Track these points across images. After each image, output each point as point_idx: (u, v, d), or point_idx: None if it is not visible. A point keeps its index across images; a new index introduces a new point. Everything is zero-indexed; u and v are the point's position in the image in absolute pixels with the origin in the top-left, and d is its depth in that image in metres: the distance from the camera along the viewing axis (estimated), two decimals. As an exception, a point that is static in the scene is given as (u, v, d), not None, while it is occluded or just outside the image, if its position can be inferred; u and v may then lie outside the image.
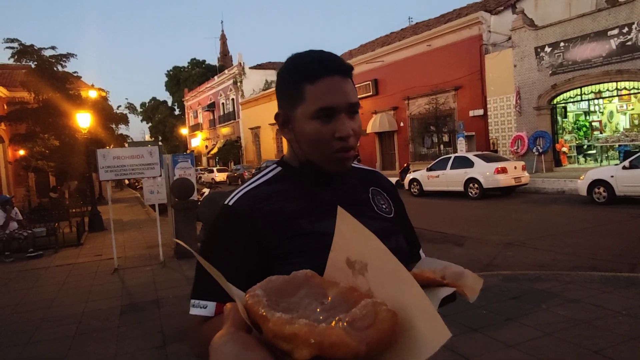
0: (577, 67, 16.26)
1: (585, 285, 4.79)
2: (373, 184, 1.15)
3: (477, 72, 19.87)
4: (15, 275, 7.71)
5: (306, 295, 0.38)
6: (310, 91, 0.94)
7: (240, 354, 0.34)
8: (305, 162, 1.01)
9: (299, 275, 0.41)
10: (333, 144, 0.95)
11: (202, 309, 0.90)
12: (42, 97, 16.53)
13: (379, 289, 0.38)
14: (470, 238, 8.09)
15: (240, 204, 0.97)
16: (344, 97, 0.94)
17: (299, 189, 1.01)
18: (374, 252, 0.39)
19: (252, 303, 0.35)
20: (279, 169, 1.06)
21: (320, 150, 0.96)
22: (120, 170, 7.50)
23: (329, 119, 0.94)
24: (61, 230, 10.62)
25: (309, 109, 0.94)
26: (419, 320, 0.35)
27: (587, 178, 11.04)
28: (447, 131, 21.67)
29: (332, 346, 0.31)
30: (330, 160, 0.97)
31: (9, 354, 4.21)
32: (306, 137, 0.96)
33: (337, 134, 0.94)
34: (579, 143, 18.71)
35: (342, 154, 0.96)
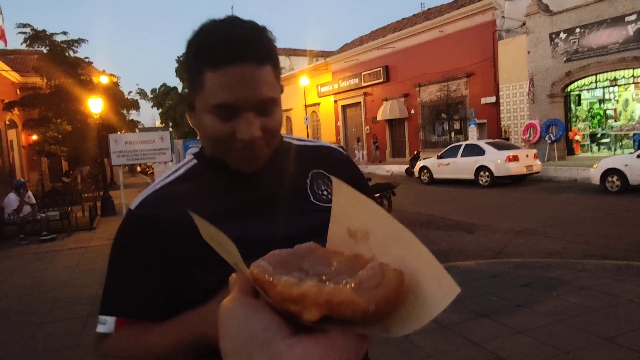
0: (592, 54, 15.95)
1: (597, 274, 4.75)
2: (316, 164, 0.94)
3: (490, 59, 19.58)
4: (30, 258, 7.84)
5: (310, 265, 0.38)
6: (209, 80, 0.76)
7: (248, 317, 0.33)
8: (210, 157, 0.86)
9: (302, 247, 0.40)
10: (234, 143, 0.79)
11: (102, 326, 0.80)
12: (54, 83, 16.66)
13: (383, 253, 0.38)
14: (481, 226, 8.05)
15: (142, 211, 0.84)
16: (252, 93, 0.75)
17: (213, 188, 0.85)
18: (375, 219, 0.39)
19: (257, 272, 0.35)
20: (194, 162, 0.90)
21: (220, 148, 0.81)
22: (132, 155, 7.56)
23: (229, 116, 0.77)
24: (74, 214, 10.76)
25: (207, 102, 0.77)
26: (427, 278, 0.35)
27: (601, 167, 10.90)
28: (459, 118, 21.47)
29: (341, 305, 0.31)
30: (232, 158, 0.82)
31: (25, 333, 4.31)
32: (204, 131, 0.81)
33: (239, 134, 0.77)
34: (592, 131, 18.45)
35: (245, 152, 0.79)
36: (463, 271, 5.13)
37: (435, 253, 0.35)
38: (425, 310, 0.34)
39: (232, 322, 0.34)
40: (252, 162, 0.82)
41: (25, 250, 8.51)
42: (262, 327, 0.33)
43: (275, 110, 0.81)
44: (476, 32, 20.08)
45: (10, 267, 7.18)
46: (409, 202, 11.23)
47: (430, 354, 3.28)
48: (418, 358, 3.26)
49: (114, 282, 0.84)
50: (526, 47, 17.85)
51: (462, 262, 5.61)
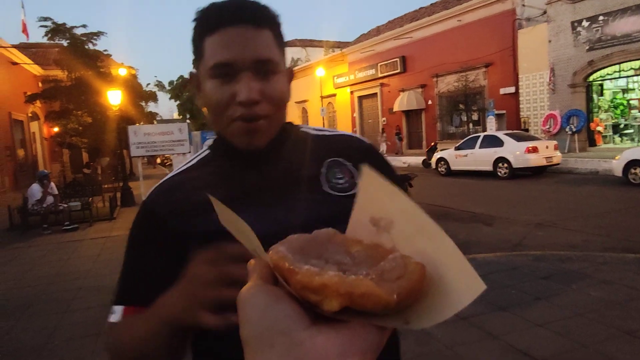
0: (616, 42, 15.54)
1: (618, 267, 4.68)
2: (334, 153, 0.90)
3: (509, 48, 19.23)
4: (53, 247, 8.04)
5: (329, 253, 0.37)
6: (208, 45, 0.78)
7: (269, 305, 0.33)
8: (217, 137, 0.87)
9: (321, 233, 0.40)
10: (233, 110, 0.77)
11: (112, 315, 0.81)
12: (75, 75, 16.91)
13: (405, 244, 0.37)
14: (500, 218, 7.97)
15: (153, 199, 0.85)
16: (247, 51, 0.76)
17: (218, 174, 0.84)
18: (401, 209, 0.38)
19: (277, 259, 0.35)
20: (207, 152, 0.91)
21: (219, 117, 0.80)
22: (150, 146, 7.67)
23: (228, 78, 0.77)
24: (95, 204, 10.97)
25: (207, 66, 0.78)
26: (451, 272, 0.34)
27: (623, 158, 10.66)
28: (477, 109, 21.17)
29: (363, 297, 0.31)
30: (231, 131, 0.80)
31: (50, 321, 4.43)
32: (208, 102, 0.81)
33: (237, 97, 0.76)
34: (615, 122, 18.03)
35: (244, 124, 0.78)
36: (481, 264, 5.10)
37: (453, 245, 0.35)
38: (448, 304, 0.34)
39: (253, 310, 0.34)
40: (253, 135, 0.79)
41: (49, 240, 8.71)
42: (283, 315, 0.33)
43: (277, 78, 0.80)
44: (495, 21, 19.71)
45: (35, 257, 7.37)
46: (426, 194, 11.16)
47: (448, 346, 3.28)
48: (435, 349, 3.26)
49: (126, 272, 0.85)
50: (547, 35, 17.46)
51: (480, 255, 5.57)
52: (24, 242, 8.67)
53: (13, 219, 9.84)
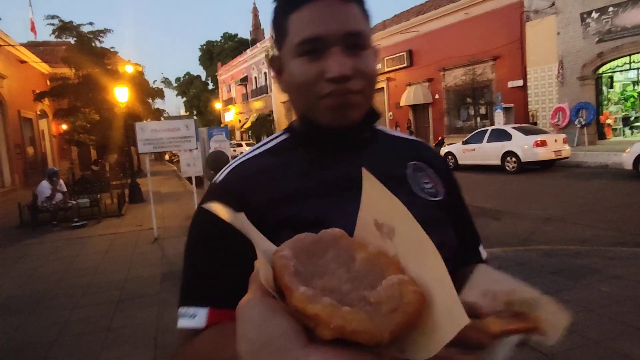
0: (626, 34, 15.32)
1: (629, 262, 4.62)
2: (415, 157, 0.88)
3: (517, 41, 19.04)
4: (63, 244, 8.11)
5: (333, 258, 0.37)
6: (293, 21, 0.74)
7: (267, 318, 0.32)
8: (302, 121, 0.80)
9: (327, 235, 0.39)
10: (322, 87, 0.73)
11: (190, 319, 0.70)
12: (82, 73, 16.99)
13: (405, 256, 0.37)
14: (508, 212, 7.91)
15: (233, 183, 0.77)
16: (336, 24, 0.72)
17: (306, 161, 0.79)
18: (401, 219, 0.38)
19: (280, 266, 0.34)
20: (285, 136, 0.84)
21: (307, 97, 0.75)
22: (157, 142, 7.68)
23: (316, 55, 0.72)
24: (103, 201, 11.04)
25: (292, 43, 0.74)
26: (440, 303, 0.33)
27: (634, 151, 10.53)
28: (484, 103, 21.02)
29: (354, 333, 0.30)
30: (320, 109, 0.75)
31: (60, 317, 4.47)
32: (292, 82, 0.76)
33: (327, 74, 0.71)
34: (625, 114, 17.82)
35: (335, 98, 0.73)
36: (489, 259, 5.06)
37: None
38: (435, 339, 0.33)
39: (250, 325, 0.33)
40: (342, 110, 0.74)
41: (58, 237, 8.79)
42: (280, 332, 0.32)
43: (367, 53, 0.76)
44: (503, 13, 19.53)
45: (44, 253, 7.44)
46: (433, 188, 11.10)
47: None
48: (443, 345, 3.24)
49: (200, 265, 0.75)
50: (555, 28, 17.27)
51: (488, 249, 5.51)
52: (34, 238, 8.75)
53: (23, 216, 9.94)
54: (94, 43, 17.54)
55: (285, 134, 0.85)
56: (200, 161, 9.55)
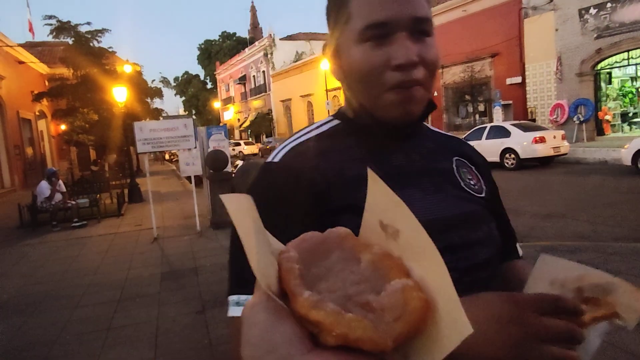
0: (624, 30, 15.33)
1: (629, 257, 4.64)
2: (457, 152, 0.88)
3: (516, 38, 19.04)
4: (63, 244, 8.11)
5: (338, 259, 0.37)
6: (356, 3, 0.70)
7: (272, 325, 0.32)
8: (358, 110, 0.77)
9: (332, 235, 0.39)
10: (387, 77, 0.69)
11: (234, 308, 0.68)
12: (80, 73, 16.98)
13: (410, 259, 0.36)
14: (507, 209, 7.79)
15: (289, 159, 0.74)
16: (404, 8, 0.68)
17: (364, 148, 0.76)
18: (405, 221, 0.37)
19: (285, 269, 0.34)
20: (337, 122, 0.82)
21: (370, 87, 0.71)
22: (156, 142, 7.68)
23: (381, 40, 0.69)
24: (103, 201, 11.05)
25: (355, 28, 0.70)
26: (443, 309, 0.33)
27: (632, 147, 10.55)
28: (483, 100, 21.04)
29: (357, 341, 0.30)
30: (384, 102, 0.72)
31: (60, 316, 4.48)
32: (353, 70, 0.72)
33: (394, 60, 0.68)
34: (624, 110, 17.84)
35: (400, 91, 0.70)
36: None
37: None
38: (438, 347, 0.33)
39: (254, 330, 0.33)
40: (407, 104, 0.71)
41: (58, 237, 8.79)
42: (284, 339, 0.32)
43: (431, 40, 0.73)
44: (501, 10, 19.52)
45: (45, 253, 7.44)
46: (432, 186, 11.12)
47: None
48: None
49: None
50: (554, 24, 17.27)
51: (487, 246, 5.54)
52: (34, 239, 8.75)
53: (23, 217, 9.94)
54: (92, 43, 17.53)
55: (335, 119, 0.82)
56: (199, 160, 9.55)
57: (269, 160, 0.76)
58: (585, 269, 0.59)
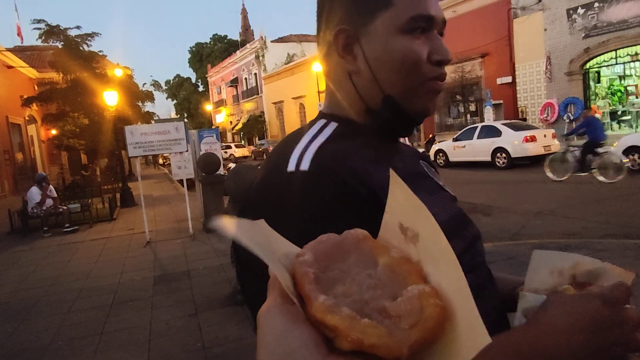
0: (612, 29, 15.50)
1: (618, 253, 4.70)
2: (419, 155, 0.89)
3: (505, 38, 19.19)
4: (54, 249, 8.05)
5: (355, 262, 0.36)
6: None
7: (288, 328, 0.32)
8: (382, 102, 0.72)
9: (350, 237, 0.38)
10: (427, 69, 0.70)
11: None
12: (70, 77, 16.86)
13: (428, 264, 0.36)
14: (498, 208, 7.98)
15: (324, 164, 0.65)
16: (440, 8, 0.71)
17: (372, 150, 0.71)
18: (425, 225, 0.36)
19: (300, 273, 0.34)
20: (335, 125, 0.74)
21: (409, 78, 0.70)
22: (148, 146, 7.65)
23: (420, 34, 0.69)
24: (94, 206, 10.98)
25: (399, 18, 0.68)
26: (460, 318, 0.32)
27: (621, 144, 10.67)
28: (474, 100, 21.17)
29: (373, 347, 0.30)
30: (420, 94, 0.71)
31: (52, 322, 4.45)
32: (390, 60, 0.69)
33: (437, 55, 0.69)
34: (612, 109, 18.01)
35: (437, 84, 0.72)
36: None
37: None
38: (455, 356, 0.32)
39: (270, 334, 0.33)
40: (436, 98, 0.74)
41: (50, 242, 8.73)
42: (300, 343, 0.31)
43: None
44: (490, 11, 19.67)
45: (36, 259, 7.38)
46: (424, 185, 11.16)
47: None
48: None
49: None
50: (542, 24, 17.43)
51: (479, 245, 5.58)
52: (25, 245, 8.68)
53: (14, 223, 9.86)
54: (81, 47, 17.40)
55: (332, 123, 0.74)
56: (191, 164, 9.53)
57: (290, 169, 0.66)
58: (578, 257, 0.64)
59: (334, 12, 0.72)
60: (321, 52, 0.77)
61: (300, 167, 0.65)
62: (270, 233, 0.39)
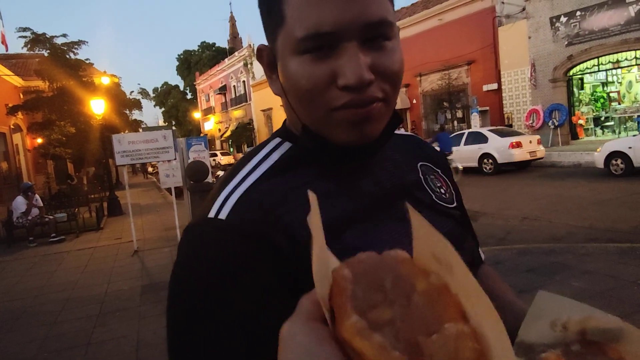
0: (594, 37, 15.83)
1: (600, 257, 4.78)
2: (420, 156, 0.76)
3: (491, 46, 19.48)
4: (40, 260, 7.95)
5: (392, 286, 0.33)
6: (291, 5, 0.54)
7: (313, 347, 0.30)
8: (306, 132, 0.61)
9: (389, 258, 0.35)
10: (334, 96, 0.55)
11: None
12: (57, 85, 16.75)
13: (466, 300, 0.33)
14: (485, 213, 8.07)
15: (239, 215, 0.55)
16: (353, 11, 0.52)
17: (329, 178, 0.62)
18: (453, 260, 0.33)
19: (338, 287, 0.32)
20: (288, 145, 0.65)
21: (314, 107, 0.57)
22: (135, 154, 7.62)
23: (325, 52, 0.54)
24: (81, 215, 10.88)
25: (292, 37, 0.54)
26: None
27: (605, 150, 10.86)
28: (461, 107, 21.42)
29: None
30: (332, 124, 0.57)
31: (38, 333, 4.40)
32: (292, 86, 0.57)
33: (341, 80, 0.54)
34: (596, 115, 18.35)
35: (351, 112, 0.55)
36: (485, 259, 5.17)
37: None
38: None
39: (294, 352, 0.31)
40: (364, 125, 0.57)
41: (35, 252, 8.62)
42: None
43: (392, 44, 0.56)
44: (476, 19, 19.96)
45: (21, 269, 7.29)
46: (413, 192, 11.24)
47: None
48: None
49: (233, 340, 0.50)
50: (527, 32, 17.73)
51: (466, 250, 5.64)
52: (10, 255, 8.56)
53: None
54: (68, 55, 17.31)
55: (284, 143, 0.66)
56: (179, 172, 9.50)
57: (210, 214, 0.56)
58: (590, 310, 0.51)
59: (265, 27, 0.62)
60: None
61: (219, 213, 0.56)
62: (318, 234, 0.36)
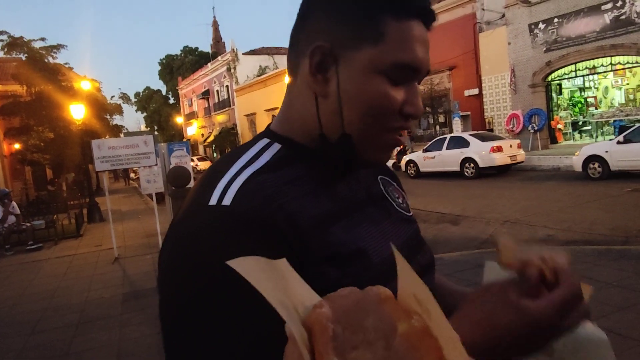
0: (571, 43, 16.21)
1: (578, 259, 4.86)
2: (379, 170, 0.82)
3: (472, 51, 19.77)
4: (17, 268, 7.77)
5: (374, 325, 0.33)
6: (393, 31, 0.60)
7: None
8: (339, 138, 0.64)
9: (371, 295, 0.35)
10: (393, 119, 0.63)
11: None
12: (35, 90, 16.45)
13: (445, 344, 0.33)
14: (466, 217, 8.16)
15: (244, 202, 0.57)
16: (428, 59, 0.64)
17: (313, 179, 0.65)
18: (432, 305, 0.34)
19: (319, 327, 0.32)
20: (278, 147, 0.67)
21: (373, 124, 0.63)
22: (115, 160, 7.52)
23: (402, 82, 0.62)
24: (60, 222, 10.67)
25: (384, 58, 0.60)
26: None
27: (582, 154, 11.08)
28: (443, 112, 21.66)
29: None
30: (378, 142, 0.65)
31: (14, 344, 4.29)
32: (360, 98, 0.61)
33: (409, 108, 0.63)
34: (574, 119, 18.74)
35: (397, 138, 0.66)
36: (448, 262, 5.22)
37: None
38: None
39: None
40: (390, 152, 0.69)
41: (12, 261, 8.42)
42: None
43: None
44: (457, 25, 20.24)
45: (-3, 279, 7.11)
46: (396, 196, 11.30)
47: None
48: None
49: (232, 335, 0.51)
50: (506, 38, 18.06)
51: (447, 254, 5.70)
52: (-15, 264, 8.35)
53: (-27, 241, 9.47)
54: (46, 59, 17.02)
55: (274, 144, 0.68)
56: (161, 177, 9.39)
57: (212, 202, 0.57)
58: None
59: (318, 24, 0.63)
60: (291, 63, 0.68)
61: (222, 200, 0.57)
62: (289, 275, 0.36)
